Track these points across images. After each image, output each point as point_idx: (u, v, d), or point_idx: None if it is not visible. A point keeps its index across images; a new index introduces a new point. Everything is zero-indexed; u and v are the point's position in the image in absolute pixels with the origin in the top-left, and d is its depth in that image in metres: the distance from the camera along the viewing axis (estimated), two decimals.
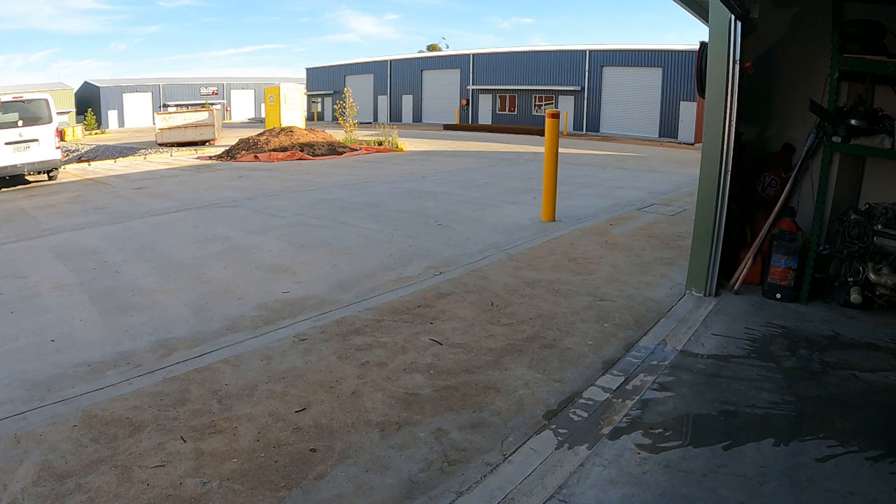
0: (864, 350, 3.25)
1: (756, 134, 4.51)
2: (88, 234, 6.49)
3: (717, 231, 4.03)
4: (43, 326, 3.70)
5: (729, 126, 3.88)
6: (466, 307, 3.96)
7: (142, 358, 3.21)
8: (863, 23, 3.67)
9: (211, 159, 15.69)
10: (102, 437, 2.43)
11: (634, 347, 3.33)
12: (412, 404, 2.70)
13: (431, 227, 6.49)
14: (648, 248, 5.49)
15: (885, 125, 3.74)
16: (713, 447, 2.31)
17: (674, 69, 26.71)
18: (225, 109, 44.67)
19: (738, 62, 3.81)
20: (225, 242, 5.89)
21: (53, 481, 2.14)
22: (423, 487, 2.12)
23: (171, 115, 22.63)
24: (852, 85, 4.02)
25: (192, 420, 2.57)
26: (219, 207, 7.98)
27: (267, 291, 4.31)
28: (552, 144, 6.69)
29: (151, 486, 2.11)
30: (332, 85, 42.39)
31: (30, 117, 11.11)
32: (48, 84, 45.59)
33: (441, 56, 40.05)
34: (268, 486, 2.12)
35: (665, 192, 8.97)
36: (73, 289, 4.49)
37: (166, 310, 3.98)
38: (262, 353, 3.27)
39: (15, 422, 2.56)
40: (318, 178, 11.05)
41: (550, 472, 2.19)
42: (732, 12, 3.73)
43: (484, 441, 2.40)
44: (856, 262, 3.75)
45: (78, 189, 10.70)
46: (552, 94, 31.19)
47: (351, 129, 18.89)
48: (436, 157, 15.27)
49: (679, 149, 19.84)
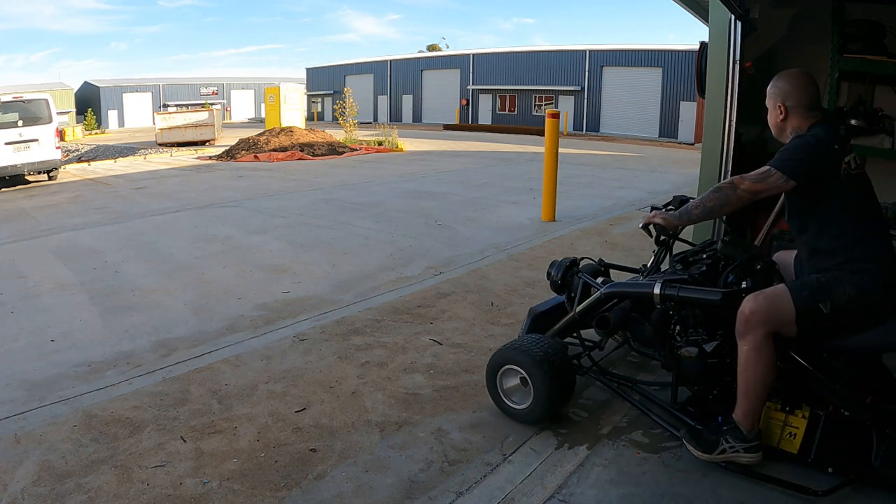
0: None
1: (756, 134, 4.51)
2: (88, 234, 6.49)
3: (716, 231, 4.03)
4: (43, 326, 3.70)
5: (729, 126, 3.88)
6: (466, 307, 3.96)
7: (142, 358, 3.21)
8: (863, 23, 3.67)
9: (211, 159, 15.69)
10: (102, 437, 2.43)
11: None
12: (412, 404, 2.70)
13: (431, 227, 6.49)
14: (648, 248, 5.45)
15: (885, 125, 3.74)
16: None
17: (674, 69, 26.72)
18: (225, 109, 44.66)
19: (738, 62, 3.81)
20: (225, 242, 5.89)
21: (53, 481, 2.14)
22: (423, 487, 2.12)
23: (171, 115, 22.64)
24: (852, 85, 4.02)
25: (192, 420, 2.57)
26: (219, 207, 7.98)
27: (267, 291, 4.32)
28: (552, 144, 6.69)
29: (151, 486, 2.11)
30: (332, 85, 42.40)
31: (30, 117, 11.11)
32: (48, 84, 45.61)
33: (441, 56, 40.08)
34: (268, 486, 2.12)
35: (665, 193, 8.96)
36: (73, 289, 4.49)
37: (166, 310, 3.98)
38: (262, 353, 3.27)
39: (15, 422, 2.56)
40: (318, 178, 11.06)
41: (550, 472, 2.19)
42: (732, 12, 3.73)
43: (484, 441, 2.40)
44: None
45: (78, 189, 10.71)
46: (552, 94, 31.20)
47: (351, 129, 18.89)
48: (436, 157, 15.28)
49: (679, 149, 19.85)
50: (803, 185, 2.04)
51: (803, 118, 2.15)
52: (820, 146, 2.04)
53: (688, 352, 2.24)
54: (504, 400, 2.56)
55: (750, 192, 2.11)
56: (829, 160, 2.02)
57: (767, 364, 2.02)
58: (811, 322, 2.00)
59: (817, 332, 2.05)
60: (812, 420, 2.08)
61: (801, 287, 2.04)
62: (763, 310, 2.01)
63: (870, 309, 1.98)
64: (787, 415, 2.13)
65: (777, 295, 2.04)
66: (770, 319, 2.00)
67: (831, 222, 2.05)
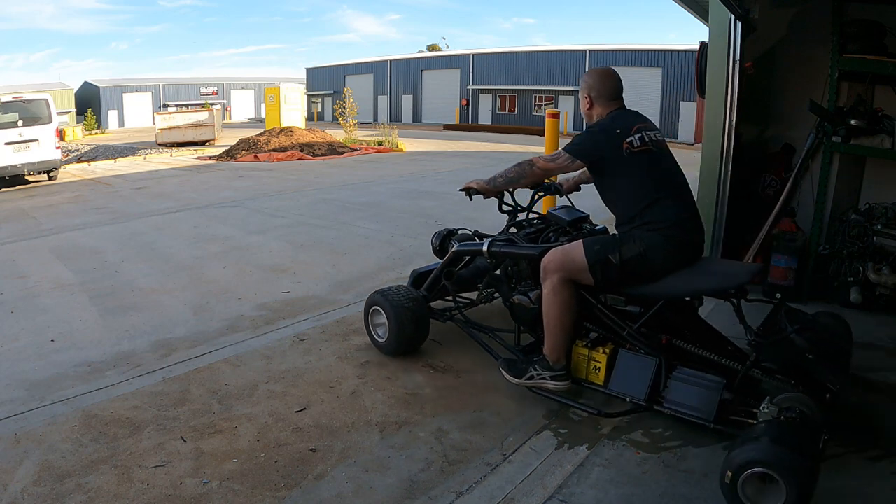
0: (864, 350, 3.25)
1: (756, 134, 4.51)
2: (88, 234, 6.50)
3: (716, 231, 4.03)
4: (43, 326, 3.70)
5: (729, 126, 3.88)
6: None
7: (142, 358, 3.21)
8: (863, 23, 3.67)
9: (211, 159, 15.70)
10: (102, 437, 2.43)
11: None
12: (412, 404, 2.70)
13: (432, 226, 6.48)
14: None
15: (885, 125, 3.73)
16: (713, 447, 2.31)
17: (674, 69, 26.72)
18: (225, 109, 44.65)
19: (738, 62, 3.81)
20: (225, 242, 5.89)
21: (53, 481, 2.14)
22: (423, 487, 2.12)
23: (171, 115, 22.65)
24: (852, 85, 4.01)
25: (192, 420, 2.57)
26: (219, 207, 7.98)
27: (267, 291, 4.32)
28: (552, 144, 6.67)
29: (151, 486, 2.11)
30: (332, 85, 42.40)
31: (30, 117, 11.11)
32: (48, 84, 45.63)
33: (441, 56, 40.08)
34: (268, 487, 2.12)
35: None
36: (73, 289, 4.49)
37: (166, 310, 3.98)
38: (262, 353, 3.27)
39: (15, 422, 2.56)
40: (318, 178, 11.06)
41: (550, 472, 2.19)
42: (732, 12, 3.73)
43: (484, 441, 2.40)
44: (856, 262, 3.75)
45: (78, 189, 10.71)
46: (552, 94, 31.21)
47: (351, 129, 18.88)
48: (436, 157, 15.28)
49: (679, 149, 19.75)
50: (588, 165, 2.52)
51: (604, 107, 2.55)
52: (602, 132, 2.46)
53: (517, 299, 2.70)
54: (372, 333, 3.24)
55: (543, 169, 2.62)
56: (609, 142, 2.41)
57: (562, 305, 2.43)
58: (603, 271, 2.38)
59: (614, 281, 2.41)
60: (612, 356, 2.49)
61: (594, 242, 2.44)
62: (558, 260, 2.45)
63: (656, 263, 2.34)
64: (590, 351, 2.53)
65: (572, 248, 2.47)
66: (564, 267, 2.43)
67: (623, 193, 2.46)
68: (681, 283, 2.33)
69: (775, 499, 1.74)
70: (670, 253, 2.33)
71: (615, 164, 2.42)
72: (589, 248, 2.40)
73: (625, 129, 2.42)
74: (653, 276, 2.35)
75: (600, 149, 2.44)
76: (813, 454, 1.83)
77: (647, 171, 2.41)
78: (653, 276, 2.35)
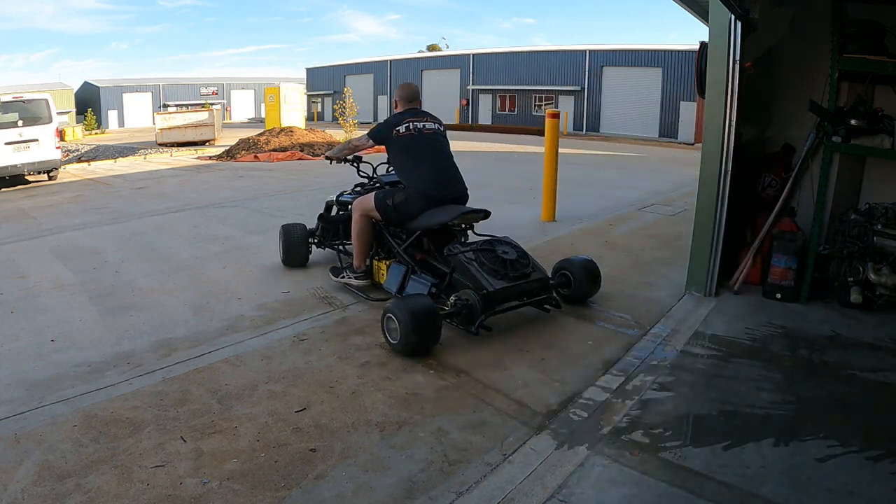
0: (864, 350, 3.25)
1: (756, 134, 4.51)
2: (88, 234, 6.50)
3: (717, 231, 4.03)
4: (43, 326, 3.70)
5: (729, 126, 3.87)
6: None
7: (142, 358, 3.21)
8: (863, 23, 3.67)
9: (211, 159, 15.70)
10: (102, 437, 2.43)
11: (634, 347, 3.33)
12: (412, 404, 2.70)
13: None
14: (648, 248, 5.49)
15: (885, 125, 3.73)
16: (713, 447, 2.31)
17: (674, 69, 26.70)
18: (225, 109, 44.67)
19: (738, 62, 3.80)
20: (225, 242, 5.89)
21: (53, 481, 2.14)
22: (423, 487, 2.12)
23: (171, 115, 22.64)
24: (852, 85, 4.02)
25: (192, 420, 2.57)
26: (219, 207, 7.98)
27: (267, 291, 4.31)
28: (552, 144, 6.69)
29: (151, 486, 2.11)
30: (332, 85, 42.40)
31: (30, 117, 11.11)
32: (48, 84, 45.63)
33: (441, 56, 40.07)
34: (268, 486, 2.12)
35: (665, 192, 8.97)
36: (73, 289, 4.49)
37: (166, 310, 3.98)
38: (262, 353, 3.27)
39: (15, 422, 2.56)
40: (318, 178, 11.06)
41: (550, 472, 2.19)
42: (732, 12, 3.73)
43: (484, 441, 2.40)
44: (856, 262, 3.75)
45: (78, 189, 10.71)
46: (552, 94, 31.19)
47: (351, 129, 18.85)
48: None
49: (679, 149, 19.84)
50: (379, 143, 3.89)
51: (402, 107, 3.95)
52: (385, 123, 3.87)
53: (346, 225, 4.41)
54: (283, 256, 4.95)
55: (354, 146, 4.16)
56: (386, 130, 3.82)
57: (360, 231, 3.96)
58: (385, 212, 3.82)
59: (394, 219, 3.84)
60: (389, 267, 3.93)
61: (383, 194, 3.87)
62: (359, 203, 3.97)
63: (411, 207, 3.72)
64: (379, 262, 4.04)
65: (368, 196, 3.96)
66: (363, 207, 3.93)
67: (397, 163, 3.89)
68: (424, 220, 3.67)
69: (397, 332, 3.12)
70: (421, 202, 3.68)
71: (391, 144, 3.82)
72: (377, 197, 3.87)
73: (399, 121, 3.78)
74: (411, 216, 3.73)
75: (382, 134, 3.84)
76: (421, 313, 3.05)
77: (408, 149, 3.76)
78: (411, 216, 3.72)
